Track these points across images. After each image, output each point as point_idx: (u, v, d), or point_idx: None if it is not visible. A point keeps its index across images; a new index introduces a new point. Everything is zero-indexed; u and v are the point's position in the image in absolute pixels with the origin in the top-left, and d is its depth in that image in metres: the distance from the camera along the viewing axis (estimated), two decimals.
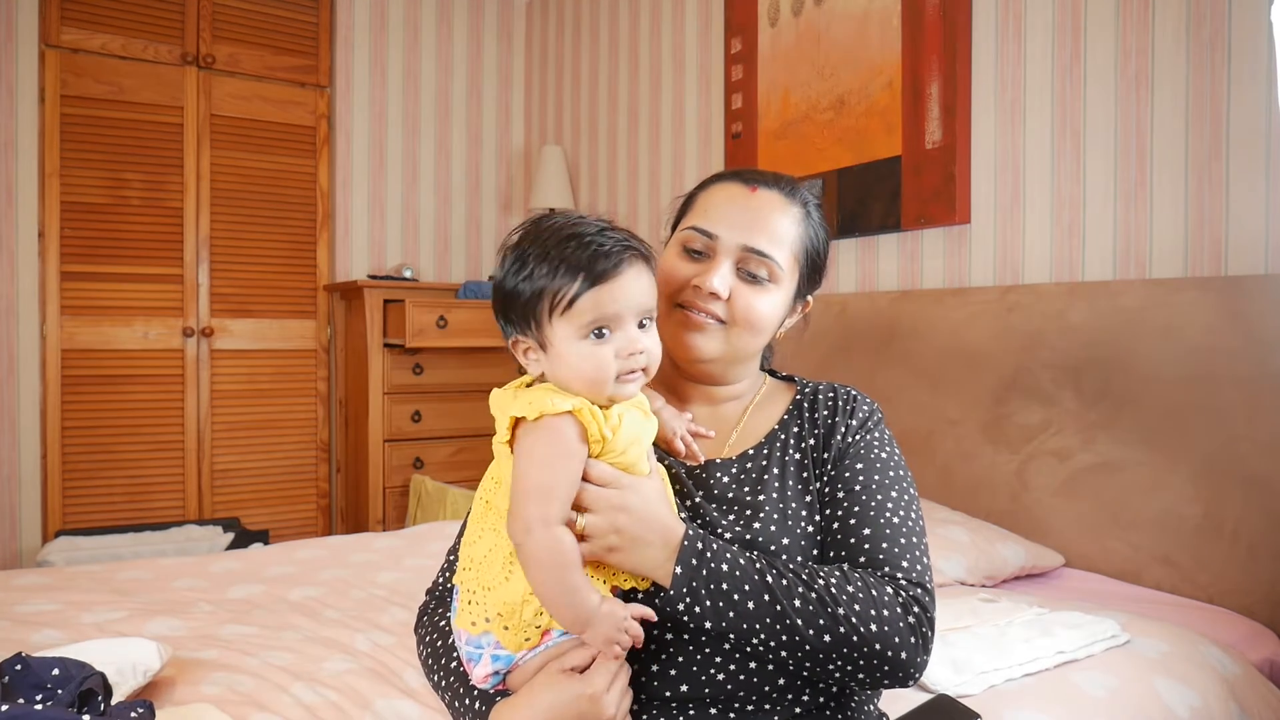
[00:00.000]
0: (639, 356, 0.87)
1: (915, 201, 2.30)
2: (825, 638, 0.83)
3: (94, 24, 3.26)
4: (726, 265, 0.99)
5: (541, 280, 0.86)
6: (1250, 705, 1.38)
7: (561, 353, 0.87)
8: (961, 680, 1.27)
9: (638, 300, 0.87)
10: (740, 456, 1.01)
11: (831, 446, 0.99)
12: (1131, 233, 1.89)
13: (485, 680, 0.89)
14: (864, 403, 1.04)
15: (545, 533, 0.82)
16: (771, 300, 1.00)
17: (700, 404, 1.07)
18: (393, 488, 3.48)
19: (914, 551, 0.91)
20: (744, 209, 1.00)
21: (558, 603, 0.83)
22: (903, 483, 0.97)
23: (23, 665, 1.11)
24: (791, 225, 1.01)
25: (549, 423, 0.85)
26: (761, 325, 1.00)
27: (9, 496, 3.17)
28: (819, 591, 0.84)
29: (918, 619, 0.86)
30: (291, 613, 1.73)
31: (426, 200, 3.98)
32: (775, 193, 1.02)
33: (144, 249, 3.35)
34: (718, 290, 0.97)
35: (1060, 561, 1.91)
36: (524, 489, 0.84)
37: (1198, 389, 1.72)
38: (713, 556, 0.86)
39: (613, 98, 3.63)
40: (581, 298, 0.85)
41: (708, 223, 1.01)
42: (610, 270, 0.85)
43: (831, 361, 2.49)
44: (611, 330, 0.86)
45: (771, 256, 0.99)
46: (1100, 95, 1.94)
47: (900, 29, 2.34)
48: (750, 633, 0.84)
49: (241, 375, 3.55)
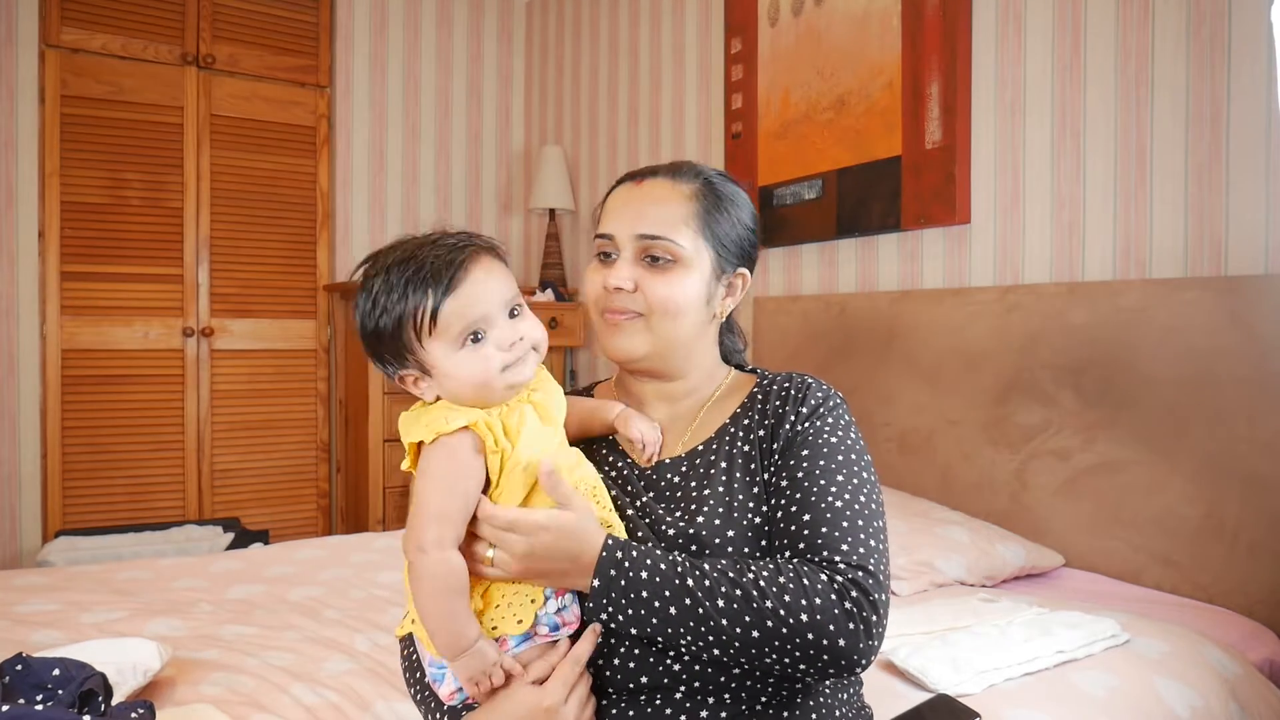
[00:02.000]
0: (520, 344, 0.88)
1: (915, 201, 2.30)
2: (753, 633, 0.82)
3: (94, 24, 3.25)
4: (625, 258, 1.00)
5: (397, 308, 0.86)
6: (1250, 705, 1.38)
7: (445, 369, 0.87)
8: (961, 679, 1.27)
9: (496, 293, 0.88)
10: (690, 453, 1.01)
11: (780, 436, 0.97)
12: (1131, 233, 1.90)
13: (452, 698, 0.89)
14: (817, 390, 1.01)
15: (436, 554, 0.83)
16: (681, 281, 0.99)
17: (658, 403, 1.06)
18: (393, 488, 3.48)
19: (858, 534, 0.88)
20: (631, 201, 1.02)
21: (437, 626, 0.84)
22: (853, 467, 0.94)
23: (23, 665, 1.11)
24: (683, 203, 1.01)
25: (444, 443, 0.85)
26: (678, 308, 0.99)
27: (9, 496, 3.17)
28: (744, 587, 0.83)
29: (856, 603, 0.83)
30: (291, 613, 1.73)
31: (426, 200, 3.98)
32: (662, 179, 1.03)
33: (144, 249, 3.35)
34: (621, 285, 0.98)
35: (1060, 561, 1.91)
36: (420, 510, 0.85)
37: (1198, 389, 1.72)
38: (631, 565, 0.85)
39: (613, 98, 3.63)
40: (441, 311, 0.85)
41: (605, 225, 1.03)
42: (458, 275, 0.86)
43: (831, 361, 2.49)
44: (485, 331, 0.87)
45: (665, 237, 0.99)
46: (1100, 95, 1.94)
47: (900, 29, 2.34)
48: (676, 636, 0.84)
49: (241, 375, 3.55)
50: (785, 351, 2.64)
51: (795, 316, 2.64)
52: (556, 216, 3.86)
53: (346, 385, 3.66)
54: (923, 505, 2.07)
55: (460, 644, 0.83)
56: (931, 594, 1.72)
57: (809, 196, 2.63)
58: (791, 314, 2.65)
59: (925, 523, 1.91)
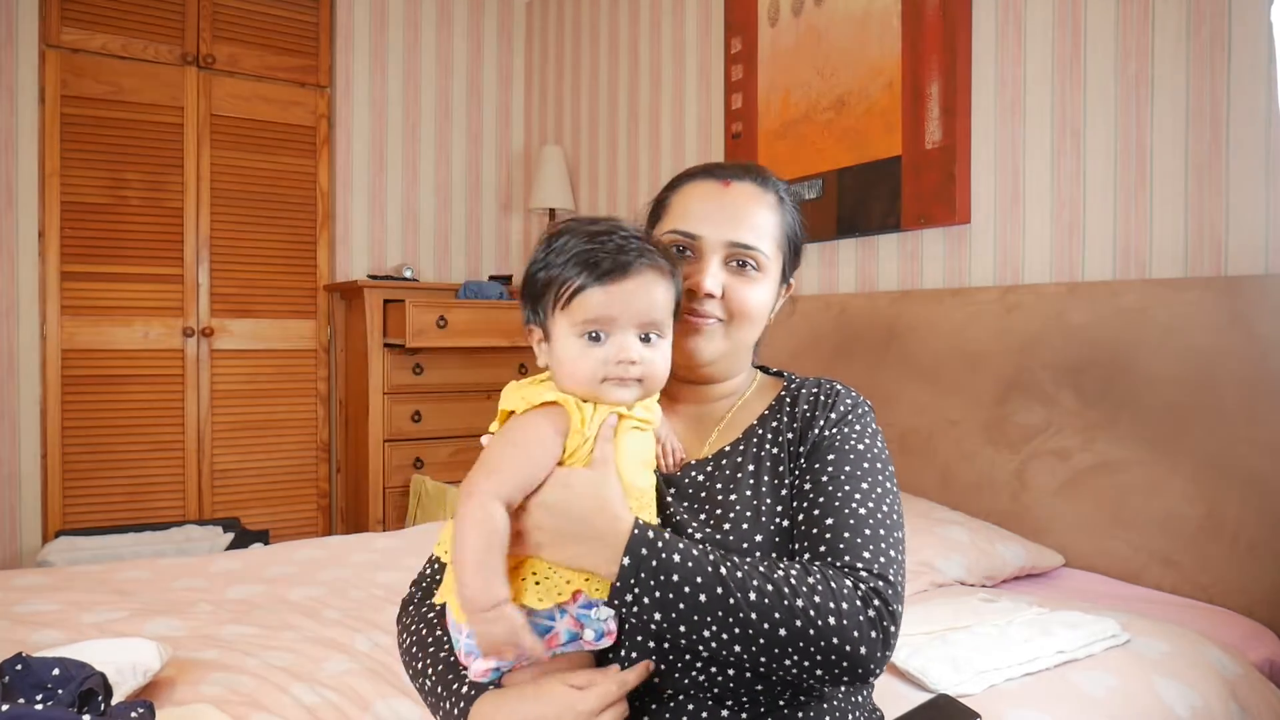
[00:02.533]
0: (632, 367, 0.86)
1: (915, 201, 2.30)
2: (781, 631, 0.80)
3: (94, 24, 3.26)
4: (715, 263, 0.99)
5: (555, 270, 0.87)
6: (1250, 705, 1.38)
7: (558, 345, 0.88)
8: (961, 679, 1.27)
9: (640, 308, 0.86)
10: (716, 455, 1.00)
11: (808, 440, 0.97)
12: (1131, 233, 1.90)
13: (484, 675, 0.87)
14: (846, 397, 1.01)
15: (484, 500, 0.80)
16: (763, 290, 1.01)
17: (690, 404, 1.06)
18: (393, 488, 3.48)
19: (879, 544, 0.87)
20: (722, 205, 1.00)
21: (468, 575, 0.79)
22: (877, 475, 0.94)
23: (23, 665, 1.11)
24: (769, 213, 1.02)
25: (530, 413, 0.85)
26: (758, 316, 1.02)
27: (9, 496, 3.17)
28: (776, 584, 0.82)
29: (878, 613, 0.82)
30: (291, 613, 1.73)
31: (426, 200, 3.98)
32: (749, 184, 1.02)
33: (144, 249, 3.35)
34: (712, 290, 0.97)
35: (1060, 561, 1.91)
36: (484, 462, 0.84)
37: (1198, 389, 1.71)
38: (664, 548, 0.82)
39: (613, 98, 3.63)
40: (581, 294, 0.85)
41: (688, 224, 1.00)
42: (616, 272, 0.85)
43: (831, 361, 2.49)
44: (607, 334, 0.86)
45: (757, 248, 0.99)
46: (1100, 95, 1.94)
47: (900, 29, 2.34)
48: (701, 625, 0.81)
49: (241, 375, 3.55)
50: (785, 351, 2.64)
51: (795, 317, 2.64)
52: (556, 216, 3.86)
53: (346, 385, 3.66)
54: (923, 505, 2.07)
55: (484, 599, 0.79)
56: (931, 594, 1.72)
57: (809, 196, 2.63)
58: (791, 314, 2.65)
59: (925, 523, 1.91)
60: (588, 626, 0.86)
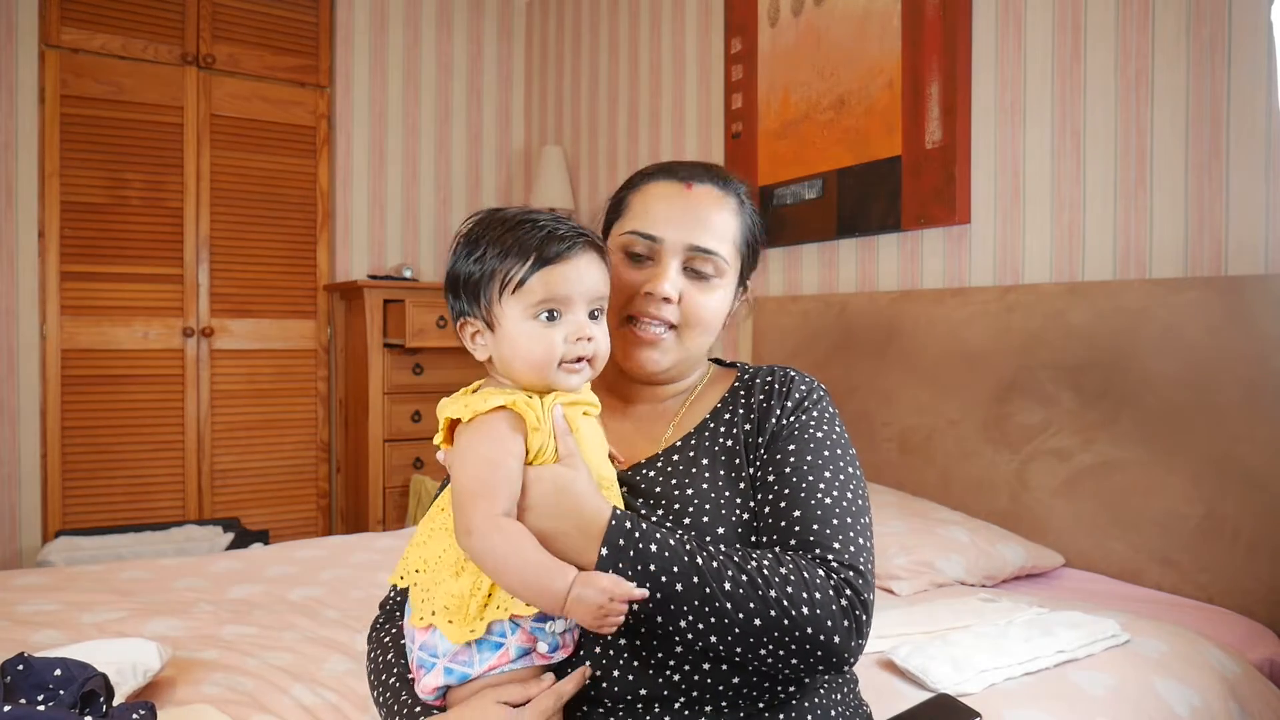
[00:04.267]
0: (586, 344, 0.87)
1: (915, 201, 2.30)
2: (756, 621, 0.80)
3: (94, 24, 3.26)
4: (674, 267, 0.97)
5: (493, 261, 0.87)
6: (1250, 705, 1.38)
7: (509, 332, 0.87)
8: (962, 679, 1.27)
9: (589, 286, 0.88)
10: (668, 450, 0.99)
11: (765, 430, 0.96)
12: (1131, 233, 1.90)
13: (432, 691, 0.87)
14: (801, 383, 1.00)
15: (487, 526, 0.80)
16: (719, 296, 1.00)
17: (643, 403, 1.04)
18: (393, 488, 3.48)
19: (848, 533, 0.87)
20: (684, 207, 0.99)
21: (530, 594, 0.80)
22: (839, 462, 0.93)
23: (25, 665, 1.11)
24: (731, 217, 1.01)
25: (481, 421, 0.84)
26: (712, 324, 1.00)
27: (9, 496, 3.17)
28: (750, 574, 0.82)
29: (850, 602, 0.83)
30: (291, 613, 1.73)
31: (426, 200, 3.98)
32: (711, 186, 1.01)
33: (144, 249, 3.35)
34: (669, 295, 0.96)
35: (1060, 561, 1.91)
36: (464, 489, 0.83)
37: (1198, 389, 1.72)
38: (641, 537, 0.83)
39: (613, 98, 3.63)
40: (533, 277, 0.85)
41: (648, 225, 0.99)
42: (563, 253, 0.86)
43: (831, 361, 2.49)
44: (561, 313, 0.87)
45: (717, 252, 0.98)
46: (1100, 95, 1.94)
47: (900, 29, 2.34)
48: (678, 615, 0.81)
49: (241, 375, 3.55)
50: (785, 351, 2.64)
51: (795, 316, 2.64)
52: None
53: (346, 385, 3.66)
54: (923, 505, 2.07)
55: (559, 595, 0.79)
56: (931, 594, 1.72)
57: (809, 196, 2.63)
58: (791, 314, 2.65)
59: (925, 523, 1.91)
60: (541, 640, 0.86)
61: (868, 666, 1.35)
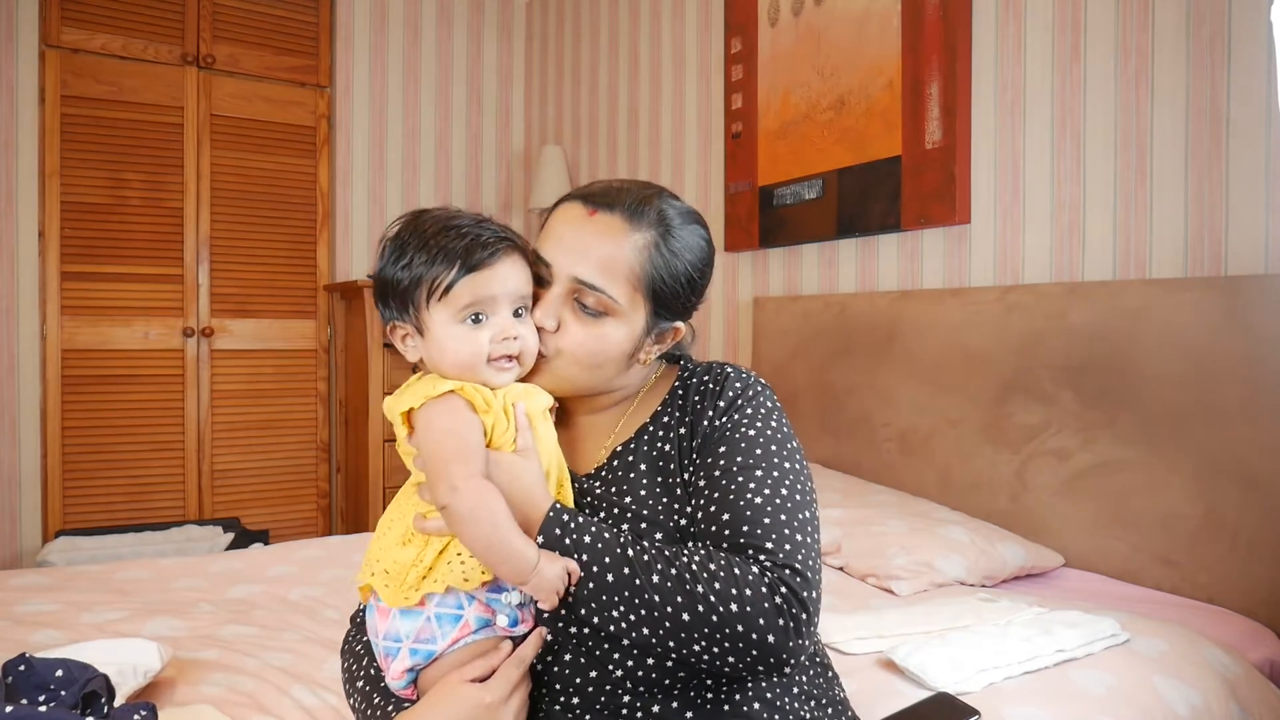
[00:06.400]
0: (512, 342, 0.90)
1: (915, 201, 2.30)
2: (684, 616, 0.80)
3: (94, 24, 3.26)
4: (556, 296, 0.93)
5: (420, 268, 0.89)
6: (1250, 705, 1.38)
7: (438, 336, 0.90)
8: (961, 678, 1.27)
9: (513, 287, 0.90)
10: (609, 458, 0.98)
11: (699, 433, 0.94)
12: (1131, 233, 1.90)
13: (401, 677, 0.89)
14: (735, 381, 0.97)
15: (471, 485, 0.83)
16: (605, 335, 0.93)
17: (583, 414, 1.03)
18: (393, 488, 3.47)
19: (781, 530, 0.85)
20: (579, 234, 0.93)
21: (498, 558, 0.83)
22: (773, 459, 0.90)
23: (26, 666, 1.11)
24: (631, 254, 0.92)
25: (438, 403, 0.87)
26: (594, 359, 0.94)
27: (9, 496, 3.17)
28: (679, 568, 0.82)
29: (786, 599, 0.80)
30: (291, 613, 1.73)
31: (426, 200, 3.98)
32: (616, 217, 0.93)
33: (144, 249, 3.35)
34: (542, 323, 0.93)
35: (1060, 561, 1.91)
36: (437, 456, 0.85)
37: (1198, 389, 1.72)
38: (576, 529, 0.85)
39: (613, 98, 3.63)
40: (458, 284, 0.88)
41: (545, 247, 0.95)
42: (486, 259, 0.88)
43: (831, 361, 2.49)
44: (487, 315, 0.89)
45: (603, 290, 0.92)
46: (1100, 95, 1.94)
47: (900, 29, 2.34)
48: (609, 606, 0.82)
49: (241, 375, 3.55)
50: (785, 351, 2.65)
51: (795, 316, 2.64)
52: None
53: (346, 385, 3.66)
54: (923, 505, 2.07)
55: (526, 565, 0.82)
56: (931, 594, 1.72)
57: (809, 196, 2.63)
58: (791, 314, 2.65)
59: (925, 523, 1.92)
60: (499, 611, 0.89)
61: (868, 666, 1.36)
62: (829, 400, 2.50)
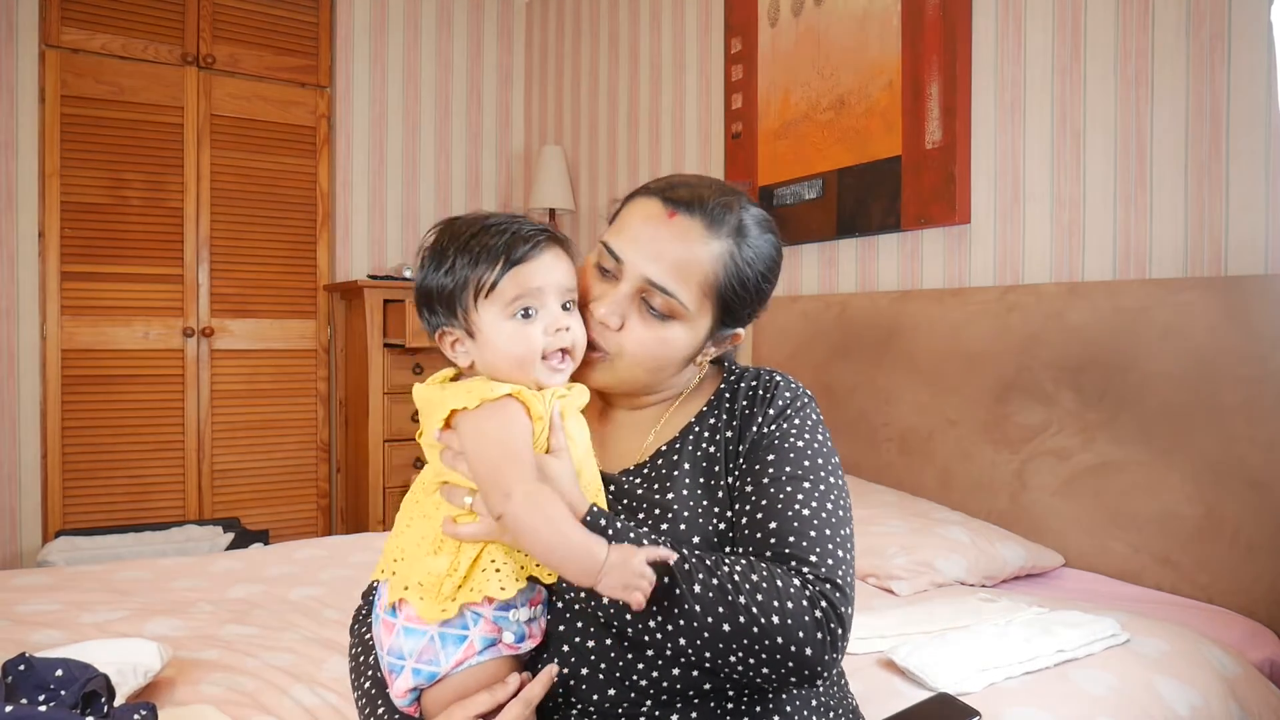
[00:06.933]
0: (564, 334, 0.88)
1: (915, 201, 2.30)
2: (725, 626, 0.79)
3: (94, 24, 3.26)
4: (624, 294, 0.92)
5: (464, 270, 0.88)
6: (1250, 705, 1.38)
7: (489, 336, 0.88)
8: (962, 678, 1.27)
9: (558, 279, 0.89)
10: (653, 456, 0.97)
11: (747, 439, 0.93)
12: (1131, 233, 1.90)
13: (404, 695, 0.87)
14: (785, 389, 0.96)
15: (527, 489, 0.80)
16: (671, 336, 0.93)
17: (625, 409, 1.02)
18: (393, 488, 3.48)
19: (825, 545, 0.85)
20: (655, 235, 0.92)
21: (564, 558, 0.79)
22: (820, 472, 0.90)
23: (26, 665, 1.11)
24: (707, 261, 0.92)
25: (492, 405, 0.85)
26: (656, 362, 0.94)
27: (9, 496, 3.17)
28: (721, 578, 0.80)
29: (825, 614, 0.80)
30: (291, 613, 1.73)
31: (426, 200, 3.98)
32: (696, 222, 0.92)
33: (144, 249, 3.35)
34: (607, 320, 0.92)
35: (1060, 561, 1.92)
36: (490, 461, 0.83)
37: (1198, 389, 1.72)
38: (615, 535, 0.82)
39: (613, 98, 3.63)
40: (504, 279, 0.87)
41: (619, 243, 0.93)
42: (529, 252, 0.87)
43: (831, 361, 2.49)
44: (536, 309, 0.88)
45: (673, 293, 0.91)
46: (1100, 95, 1.94)
47: (900, 29, 2.34)
48: (646, 615, 0.80)
49: (241, 375, 3.55)
50: (785, 351, 2.64)
51: (795, 316, 2.64)
52: (556, 216, 3.86)
53: (346, 385, 3.66)
54: (923, 505, 2.07)
55: (593, 562, 0.78)
56: (931, 594, 1.72)
57: (809, 196, 2.63)
58: (791, 314, 2.65)
59: (925, 523, 1.92)
60: (505, 629, 0.86)
61: (868, 666, 1.36)
62: (829, 400, 2.50)
